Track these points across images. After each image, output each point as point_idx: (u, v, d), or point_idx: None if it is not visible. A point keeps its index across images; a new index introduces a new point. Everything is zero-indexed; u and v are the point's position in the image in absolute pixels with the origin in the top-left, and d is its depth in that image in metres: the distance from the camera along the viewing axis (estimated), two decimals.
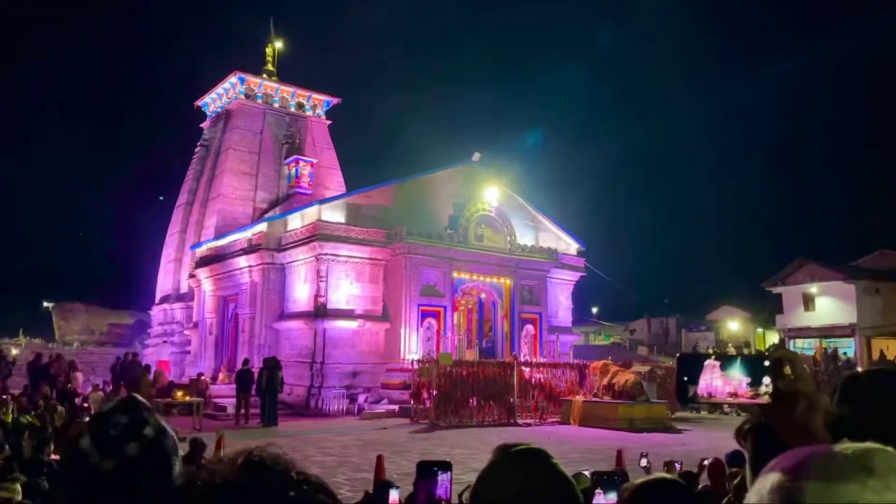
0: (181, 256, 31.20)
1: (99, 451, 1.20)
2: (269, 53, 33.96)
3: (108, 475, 1.18)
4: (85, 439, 1.23)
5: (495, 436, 15.36)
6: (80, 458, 1.21)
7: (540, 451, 1.20)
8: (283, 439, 14.57)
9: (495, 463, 1.18)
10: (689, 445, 13.27)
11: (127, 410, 1.29)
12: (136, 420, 1.26)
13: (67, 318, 41.78)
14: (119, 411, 1.28)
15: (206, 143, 32.79)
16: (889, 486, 0.65)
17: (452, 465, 1.73)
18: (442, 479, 1.68)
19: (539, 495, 1.11)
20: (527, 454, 1.19)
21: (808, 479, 0.66)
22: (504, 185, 25.87)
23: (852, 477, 0.65)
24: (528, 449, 1.20)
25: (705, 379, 1.02)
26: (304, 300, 22.40)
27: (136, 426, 1.25)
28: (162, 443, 1.26)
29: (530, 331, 24.40)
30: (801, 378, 1.01)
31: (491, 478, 1.16)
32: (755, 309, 41.54)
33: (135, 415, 1.28)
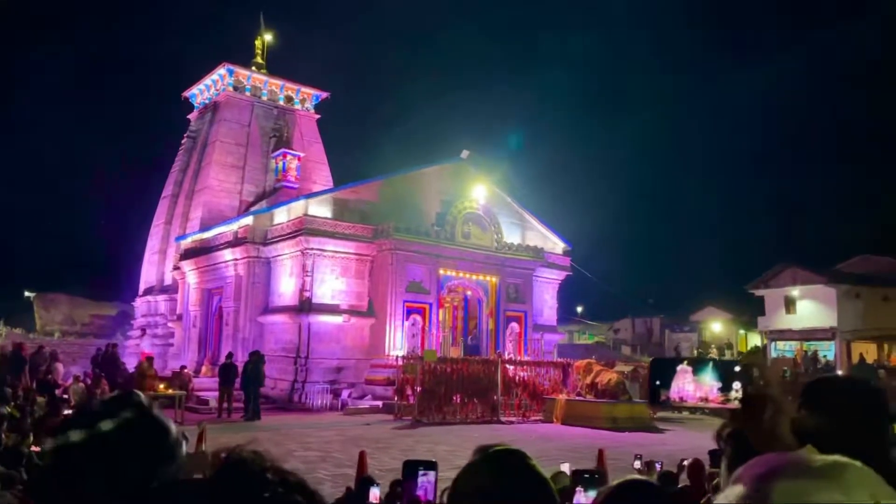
0: (166, 248, 30.97)
1: (73, 426, 1.18)
2: (259, 46, 33.74)
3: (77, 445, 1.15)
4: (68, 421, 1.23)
5: (478, 433, 15.42)
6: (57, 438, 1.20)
7: (517, 451, 1.22)
8: (265, 434, 14.54)
9: (473, 463, 1.20)
10: (670, 445, 13.39)
11: (114, 398, 1.28)
12: (118, 401, 1.24)
13: (49, 308, 41.40)
14: (108, 398, 1.28)
15: (193, 134, 32.53)
16: (852, 499, 0.66)
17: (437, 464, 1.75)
18: (428, 478, 1.69)
19: (516, 495, 1.13)
20: (504, 455, 1.20)
21: (773, 489, 0.67)
22: (492, 184, 25.91)
23: (817, 489, 0.66)
24: (505, 449, 1.22)
25: (677, 383, 1.04)
26: (290, 294, 22.32)
27: (115, 405, 1.22)
28: (145, 425, 1.22)
29: (515, 329, 24.49)
30: (770, 384, 1.04)
31: (468, 478, 1.18)
32: (738, 311, 41.93)
33: (118, 399, 1.25)
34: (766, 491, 0.66)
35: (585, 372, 19.10)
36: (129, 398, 1.28)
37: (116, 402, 1.25)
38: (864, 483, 0.67)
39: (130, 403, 1.26)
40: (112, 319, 40.33)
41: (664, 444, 13.75)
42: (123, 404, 1.24)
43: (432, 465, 1.71)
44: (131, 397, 1.29)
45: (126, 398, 1.28)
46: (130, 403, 1.26)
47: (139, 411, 1.24)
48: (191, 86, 33.69)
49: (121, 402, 1.26)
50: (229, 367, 18.40)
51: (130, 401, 1.27)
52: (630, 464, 5.89)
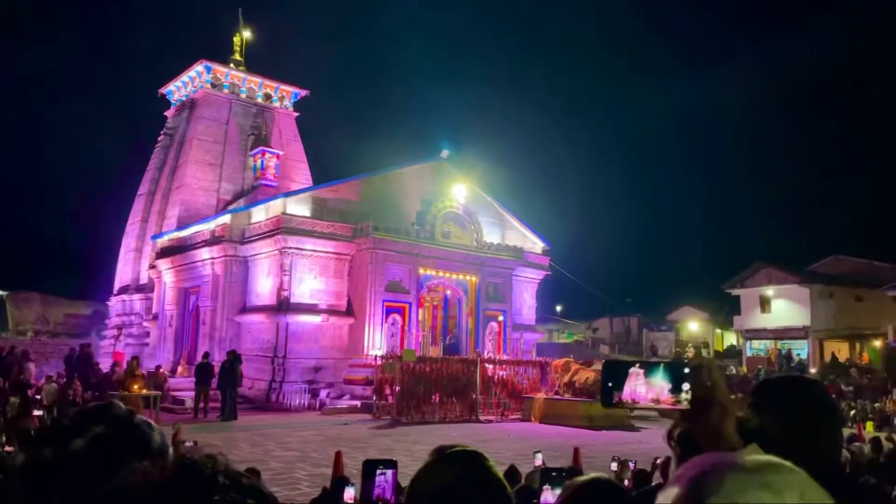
0: (142, 247, 30.60)
1: (45, 442, 1.17)
2: (237, 43, 33.42)
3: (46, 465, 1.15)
4: (41, 433, 1.22)
5: (457, 432, 15.47)
6: (28, 445, 1.20)
7: (474, 452, 1.24)
8: (242, 434, 14.45)
9: (430, 464, 1.22)
10: (645, 443, 13.52)
11: (94, 409, 1.26)
12: (93, 416, 1.22)
13: (22, 307, 40.67)
14: (86, 410, 1.26)
15: (170, 131, 32.16)
16: (782, 499, 0.68)
17: (398, 463, 1.76)
18: (386, 477, 1.71)
19: (471, 496, 1.15)
20: (461, 456, 1.22)
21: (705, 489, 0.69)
22: (472, 183, 25.96)
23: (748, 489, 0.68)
24: (462, 451, 1.24)
25: (630, 385, 1.07)
26: (267, 294, 22.19)
27: (89, 420, 1.20)
28: (123, 438, 1.20)
29: (495, 328, 24.56)
30: (717, 385, 1.07)
31: (425, 479, 1.20)
32: (715, 310, 42.42)
33: (95, 412, 1.23)
34: (699, 491, 0.69)
35: (563, 371, 19.23)
36: (106, 411, 1.27)
37: (91, 416, 1.23)
38: (794, 483, 0.70)
39: (107, 417, 1.24)
40: (86, 319, 39.73)
41: (640, 443, 13.89)
42: (98, 418, 1.22)
43: (391, 464, 1.73)
44: (109, 410, 1.27)
45: (102, 411, 1.26)
46: (107, 417, 1.24)
47: (115, 426, 1.21)
48: (168, 82, 33.29)
49: (96, 415, 1.23)
50: (206, 367, 18.25)
51: (108, 414, 1.26)
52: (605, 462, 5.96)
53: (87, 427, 1.19)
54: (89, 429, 1.19)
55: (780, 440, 1.05)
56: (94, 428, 1.19)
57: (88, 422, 1.21)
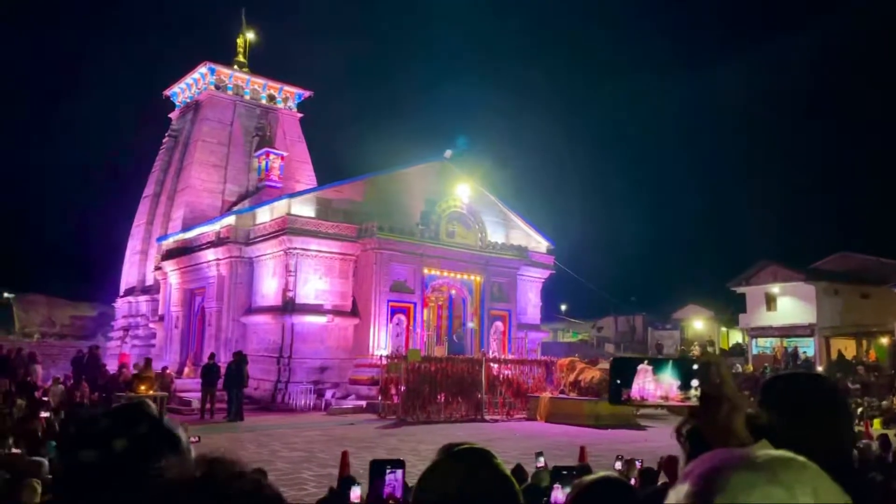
0: (147, 248, 30.69)
1: (86, 442, 1.20)
2: (241, 44, 33.50)
3: (88, 466, 1.17)
4: (76, 427, 1.23)
5: (463, 432, 15.46)
6: (70, 446, 1.22)
7: (481, 450, 1.24)
8: (249, 434, 14.48)
9: (437, 462, 1.22)
10: (652, 442, 13.50)
11: (128, 408, 1.28)
12: (132, 416, 1.25)
13: (28, 309, 40.83)
14: (121, 408, 1.28)
15: (174, 133, 32.25)
16: (794, 496, 0.67)
17: (406, 463, 1.76)
18: (395, 476, 1.71)
19: (478, 494, 1.15)
20: (468, 453, 1.22)
21: (716, 485, 0.69)
22: (476, 183, 25.96)
23: (759, 485, 0.68)
24: (469, 448, 1.24)
25: (638, 382, 1.07)
26: (273, 294, 22.22)
27: (130, 421, 1.23)
28: (159, 442, 1.23)
29: (499, 328, 24.55)
30: (726, 381, 1.07)
31: (432, 477, 1.20)
32: (720, 308, 42.28)
33: (133, 412, 1.26)
34: (709, 487, 0.69)
35: (569, 370, 19.21)
36: (141, 410, 1.29)
37: (129, 415, 1.26)
38: (807, 479, 0.70)
39: (144, 417, 1.27)
40: (92, 321, 39.87)
41: (646, 441, 13.87)
42: (137, 418, 1.25)
43: (400, 464, 1.73)
44: (144, 409, 1.29)
45: (138, 410, 1.28)
46: (144, 417, 1.27)
47: (152, 426, 1.24)
48: (172, 84, 33.39)
49: (134, 415, 1.26)
50: (212, 368, 18.29)
51: (144, 413, 1.28)
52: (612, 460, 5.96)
53: (127, 427, 1.22)
54: (130, 429, 1.21)
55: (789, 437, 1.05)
56: (134, 428, 1.22)
57: (127, 421, 1.24)
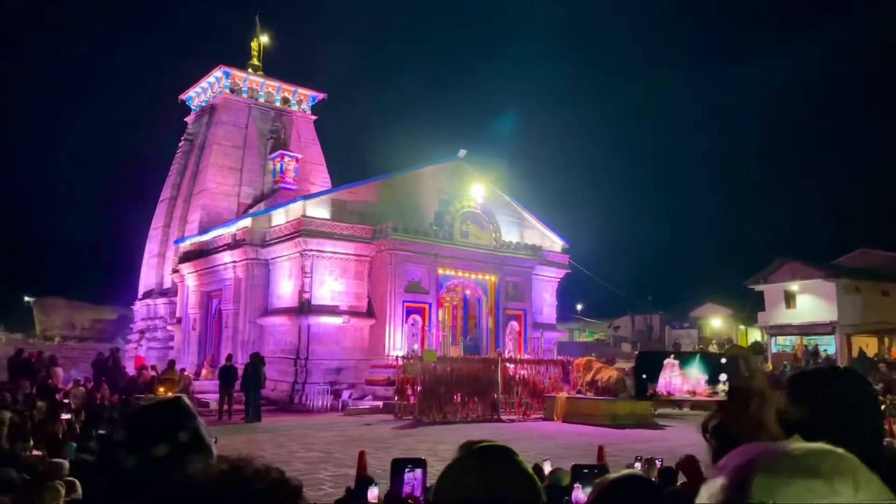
0: (165, 251, 30.95)
1: (127, 445, 1.21)
2: (255, 48, 33.73)
3: (130, 471, 1.19)
4: (120, 431, 1.24)
5: (479, 432, 15.42)
6: (110, 449, 1.22)
7: (503, 447, 1.21)
8: (266, 435, 14.54)
9: (457, 460, 1.20)
10: (671, 441, 13.40)
11: (167, 411, 1.28)
12: (173, 422, 1.26)
13: (49, 312, 41.39)
14: (159, 410, 1.28)
15: (190, 137, 32.51)
16: (834, 488, 0.65)
17: (426, 462, 1.75)
18: (415, 475, 1.69)
19: (499, 492, 1.13)
20: (489, 451, 1.20)
21: (753, 479, 0.67)
22: (490, 182, 25.91)
23: (797, 477, 0.66)
24: (490, 446, 1.21)
25: (665, 377, 1.04)
26: (289, 296, 22.32)
27: (171, 428, 1.25)
28: (195, 449, 1.25)
29: (515, 327, 24.48)
30: (755, 374, 1.04)
31: (452, 474, 1.18)
32: (738, 306, 41.93)
33: (173, 416, 1.27)
34: (745, 481, 0.66)
35: (585, 369, 19.11)
36: (182, 411, 1.29)
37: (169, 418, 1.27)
38: (847, 470, 0.67)
39: (185, 420, 1.28)
40: (112, 323, 40.31)
41: (665, 441, 13.76)
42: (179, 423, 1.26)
43: (421, 463, 1.71)
44: (184, 410, 1.30)
45: (178, 412, 1.29)
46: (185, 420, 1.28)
47: (191, 430, 1.26)
48: (187, 88, 33.68)
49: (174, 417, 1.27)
50: (229, 370, 18.40)
51: (186, 416, 1.29)
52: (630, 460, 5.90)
53: (168, 432, 1.24)
54: (170, 435, 1.23)
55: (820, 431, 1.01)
56: (176, 434, 1.24)
57: (168, 426, 1.25)
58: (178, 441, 1.23)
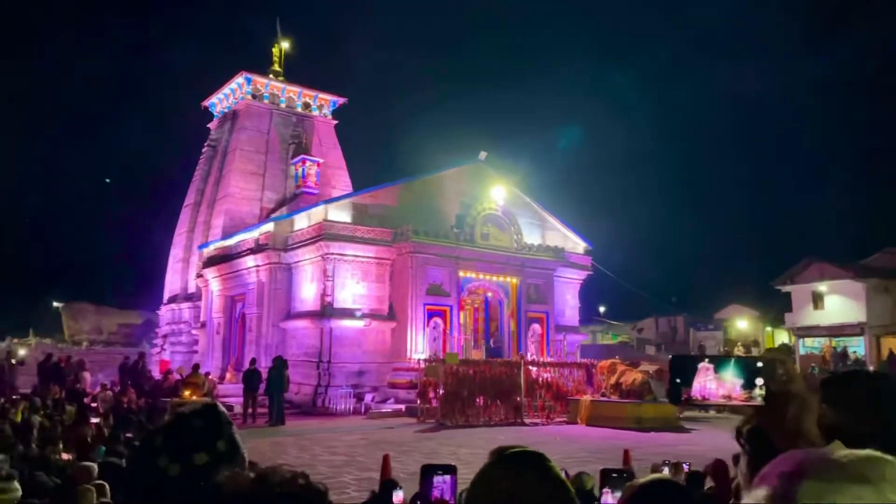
0: (189, 256, 31.32)
1: (168, 453, 1.23)
2: (276, 53, 34.05)
3: (171, 479, 1.20)
4: (159, 437, 1.25)
5: (502, 435, 15.37)
6: (149, 455, 1.24)
7: (535, 453, 1.20)
8: (290, 438, 14.63)
9: (490, 465, 1.18)
10: (697, 445, 13.23)
11: (206, 418, 1.30)
12: (212, 430, 1.27)
13: (77, 318, 42.06)
14: (198, 417, 1.29)
15: (213, 143, 32.89)
16: (884, 495, 0.63)
17: (457, 468, 1.73)
18: (444, 479, 1.68)
19: (532, 498, 1.11)
20: (522, 457, 1.18)
21: (800, 486, 0.65)
22: (510, 184, 25.86)
23: (846, 484, 0.64)
24: (523, 451, 1.20)
25: (699, 381, 1.01)
26: (311, 299, 22.45)
27: (210, 436, 1.26)
28: (231, 458, 1.26)
29: (537, 330, 24.38)
30: (794, 378, 1.01)
31: (486, 480, 1.17)
32: (764, 308, 41.33)
33: (212, 424, 1.29)
34: (792, 489, 0.64)
35: (609, 372, 18.95)
36: (221, 420, 1.31)
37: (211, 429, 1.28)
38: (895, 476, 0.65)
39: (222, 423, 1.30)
40: (138, 328, 40.87)
41: (691, 444, 13.59)
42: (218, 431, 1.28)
43: (451, 469, 1.70)
44: (221, 418, 1.31)
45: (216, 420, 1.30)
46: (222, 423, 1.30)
47: (229, 440, 1.28)
48: (210, 95, 34.10)
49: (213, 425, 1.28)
50: (253, 373, 18.54)
51: (224, 425, 1.30)
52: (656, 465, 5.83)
53: (207, 441, 1.25)
54: (210, 443, 1.25)
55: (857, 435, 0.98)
56: (215, 443, 1.25)
57: (207, 434, 1.27)
58: (217, 450, 1.25)
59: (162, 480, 1.20)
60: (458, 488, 1.71)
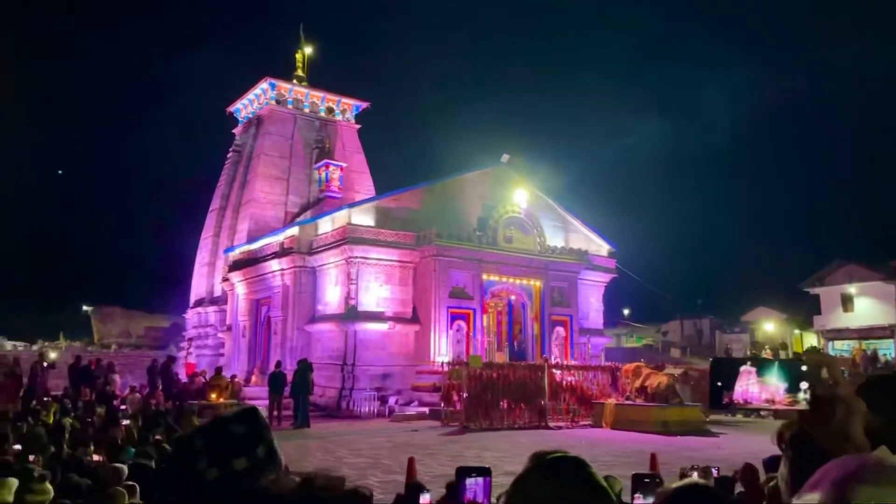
0: (214, 260, 31.68)
1: (208, 457, 1.23)
2: (299, 59, 34.37)
3: (209, 483, 1.21)
4: (199, 440, 1.26)
5: (526, 438, 15.29)
6: (188, 458, 1.25)
7: (576, 458, 1.19)
8: (315, 441, 14.70)
9: (530, 470, 1.18)
10: (724, 449, 13.05)
11: (247, 423, 1.30)
12: (252, 435, 1.28)
13: (106, 321, 42.77)
14: (239, 422, 1.30)
15: (238, 148, 33.27)
16: None
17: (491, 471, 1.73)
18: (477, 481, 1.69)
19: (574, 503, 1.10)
20: (562, 461, 1.18)
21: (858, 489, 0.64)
22: (533, 187, 25.78)
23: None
24: (563, 456, 1.19)
25: (741, 385, 1.00)
26: (335, 303, 22.57)
27: (250, 441, 1.27)
28: (269, 463, 1.27)
29: (561, 333, 24.26)
30: (840, 382, 0.99)
31: (525, 485, 1.16)
32: (792, 310, 40.71)
33: (252, 429, 1.29)
34: (847, 494, 0.63)
35: (634, 375, 18.79)
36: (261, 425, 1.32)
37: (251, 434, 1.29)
38: None
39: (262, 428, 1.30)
40: (165, 331, 41.42)
41: (718, 448, 13.41)
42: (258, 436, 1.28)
43: (485, 472, 1.70)
44: (260, 423, 1.32)
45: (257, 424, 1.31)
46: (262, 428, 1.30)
47: (268, 445, 1.29)
48: (235, 101, 34.50)
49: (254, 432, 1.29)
50: (278, 376, 18.67)
51: (261, 424, 1.31)
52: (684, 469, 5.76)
53: (248, 446, 1.26)
54: (250, 448, 1.25)
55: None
56: (255, 448, 1.26)
57: (247, 439, 1.27)
58: (256, 455, 1.25)
59: (199, 484, 1.21)
60: (492, 491, 1.71)
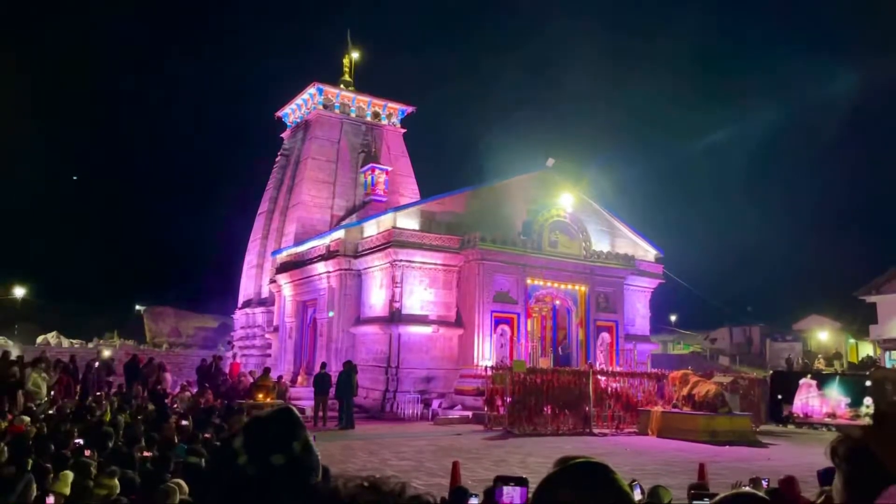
0: (262, 262, 32.31)
1: (247, 454, 1.28)
2: (346, 64, 34.84)
3: (250, 479, 1.26)
4: (238, 439, 1.32)
5: (571, 444, 15.17)
6: (228, 456, 1.30)
7: (599, 464, 1.20)
8: (359, 442, 14.84)
9: (554, 475, 1.20)
10: (774, 461, 12.70)
11: (282, 421, 1.36)
12: (288, 433, 1.33)
13: (157, 321, 44.02)
14: (275, 421, 1.35)
15: (286, 152, 33.90)
16: None
17: (528, 481, 1.74)
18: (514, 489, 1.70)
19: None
20: (586, 467, 1.19)
21: None
22: (579, 191, 25.56)
23: None
24: (586, 462, 1.21)
25: (801, 398, 0.98)
26: (380, 305, 22.77)
27: (286, 438, 1.32)
28: (306, 459, 1.32)
29: (606, 339, 23.97)
30: None
31: (548, 489, 1.18)
32: (846, 319, 39.31)
33: (288, 427, 1.34)
34: None
35: (682, 383, 18.42)
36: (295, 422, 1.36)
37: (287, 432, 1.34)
38: None
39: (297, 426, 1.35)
40: (214, 331, 42.43)
41: (768, 460, 13.05)
42: (294, 433, 1.33)
43: (523, 482, 1.72)
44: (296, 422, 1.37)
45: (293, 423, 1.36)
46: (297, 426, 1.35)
47: (304, 442, 1.33)
48: (283, 105, 35.18)
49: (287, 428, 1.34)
50: (324, 377, 18.92)
51: (297, 427, 1.36)
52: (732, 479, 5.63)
53: (284, 443, 1.31)
54: (286, 445, 1.30)
55: None
56: (291, 445, 1.31)
57: (284, 437, 1.32)
58: (293, 451, 1.30)
59: (241, 480, 1.25)
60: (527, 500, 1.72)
